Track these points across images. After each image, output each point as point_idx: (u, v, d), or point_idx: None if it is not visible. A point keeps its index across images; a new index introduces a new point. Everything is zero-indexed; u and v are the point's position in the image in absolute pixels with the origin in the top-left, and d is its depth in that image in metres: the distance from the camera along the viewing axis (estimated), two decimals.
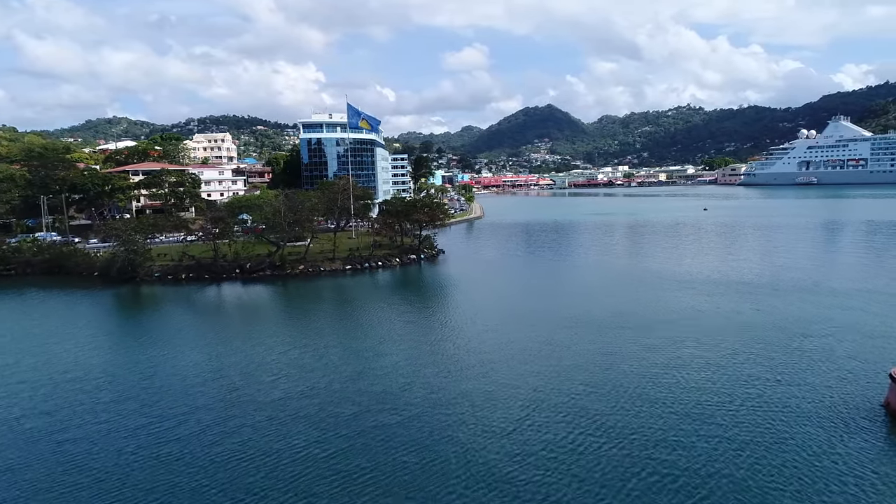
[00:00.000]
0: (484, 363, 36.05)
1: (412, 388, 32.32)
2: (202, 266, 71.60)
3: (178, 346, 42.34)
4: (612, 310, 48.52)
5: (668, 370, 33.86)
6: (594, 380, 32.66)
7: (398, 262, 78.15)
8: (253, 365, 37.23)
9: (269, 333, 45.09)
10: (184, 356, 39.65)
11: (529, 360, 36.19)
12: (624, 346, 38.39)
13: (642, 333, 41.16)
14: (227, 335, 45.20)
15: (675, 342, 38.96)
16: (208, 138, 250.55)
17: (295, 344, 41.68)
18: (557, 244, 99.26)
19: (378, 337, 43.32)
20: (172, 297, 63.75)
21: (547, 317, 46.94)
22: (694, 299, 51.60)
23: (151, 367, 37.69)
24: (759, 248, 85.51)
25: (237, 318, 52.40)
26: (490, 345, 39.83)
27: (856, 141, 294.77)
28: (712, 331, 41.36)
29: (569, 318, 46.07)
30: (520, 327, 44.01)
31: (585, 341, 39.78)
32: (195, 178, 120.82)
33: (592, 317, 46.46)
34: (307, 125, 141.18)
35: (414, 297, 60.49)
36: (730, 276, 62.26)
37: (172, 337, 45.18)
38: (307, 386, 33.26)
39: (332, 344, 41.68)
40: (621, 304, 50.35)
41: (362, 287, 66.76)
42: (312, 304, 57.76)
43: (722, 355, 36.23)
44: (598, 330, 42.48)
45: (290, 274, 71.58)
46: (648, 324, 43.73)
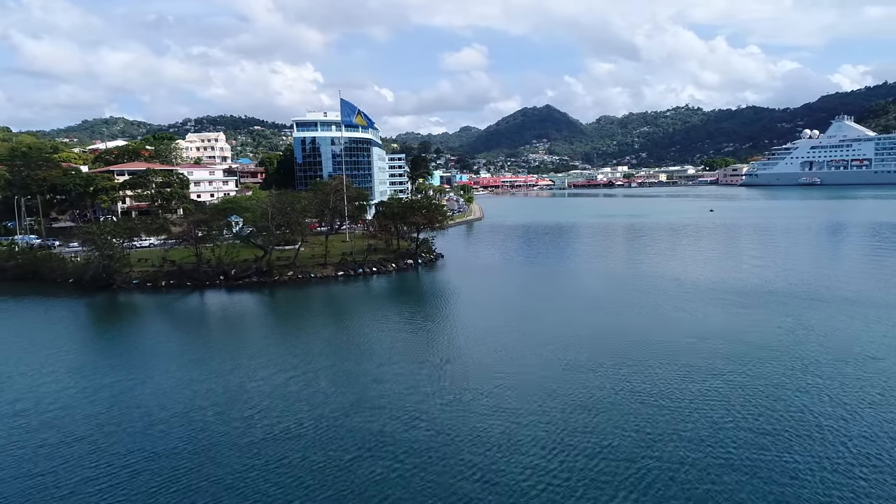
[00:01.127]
0: (497, 394, 31.15)
1: (415, 427, 27.36)
2: (184, 272, 66.48)
3: (147, 369, 37.29)
4: (634, 326, 43.69)
5: (707, 403, 29.01)
6: (628, 419, 27.79)
7: (394, 268, 73.16)
8: (230, 394, 32.24)
9: (252, 353, 40.05)
10: (152, 382, 34.64)
11: (550, 391, 31.30)
12: (655, 372, 33.52)
13: (673, 355, 36.31)
14: (203, 355, 40.17)
15: (710, 367, 34.11)
16: (201, 138, 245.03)
17: (280, 366, 36.68)
18: (563, 249, 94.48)
19: (374, 357, 38.35)
20: (149, 307, 58.69)
21: (562, 334, 42.07)
22: (724, 312, 46.77)
23: (113, 396, 32.67)
24: (780, 251, 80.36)
25: (217, 333, 47.34)
26: (502, 369, 34.93)
27: (860, 141, 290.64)
28: (754, 352, 36.51)
29: (588, 337, 41.20)
30: (532, 346, 39.14)
31: (609, 366, 34.87)
32: (183, 178, 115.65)
33: (613, 335, 41.61)
34: (301, 124, 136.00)
35: (413, 308, 55.54)
36: (757, 284, 57.31)
37: (143, 357, 40.12)
38: (292, 423, 28.30)
39: (321, 366, 36.71)
40: (644, 319, 45.50)
41: (356, 296, 61.80)
42: (301, 317, 52.71)
43: (771, 384, 31.41)
44: (622, 351, 37.61)
45: (279, 281, 66.54)
46: (677, 343, 38.90)
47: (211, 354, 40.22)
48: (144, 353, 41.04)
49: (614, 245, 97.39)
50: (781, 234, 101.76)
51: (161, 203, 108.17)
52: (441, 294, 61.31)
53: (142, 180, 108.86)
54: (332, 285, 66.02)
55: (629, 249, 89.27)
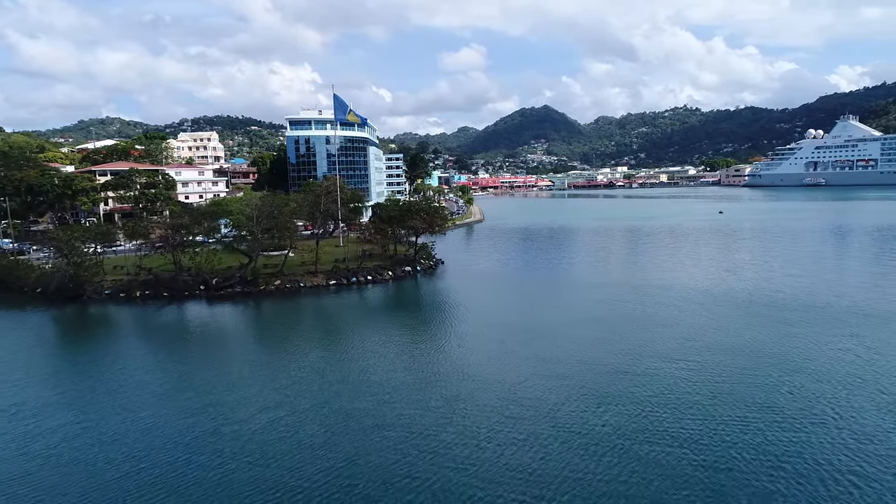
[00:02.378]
0: (513, 441, 25.68)
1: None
2: (160, 281, 60.86)
3: (106, 404, 31.74)
4: (666, 347, 38.22)
5: (758, 458, 23.59)
6: (657, 470, 22.35)
7: (391, 276, 67.56)
8: (200, 441, 26.69)
9: (230, 383, 34.37)
10: (109, 422, 29.14)
11: (572, 430, 25.87)
12: (697, 410, 28.12)
13: (722, 389, 30.89)
14: (173, 385, 34.51)
15: (769, 403, 28.71)
16: (193, 137, 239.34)
17: (260, 404, 30.88)
18: (573, 255, 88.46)
19: (370, 388, 32.78)
20: (120, 321, 53.10)
21: (577, 353, 36.63)
22: (772, 331, 40.97)
23: (62, 441, 27.12)
24: (813, 257, 74.45)
25: (192, 354, 41.72)
26: (517, 401, 29.45)
27: (865, 141, 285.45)
28: (828, 387, 31.02)
29: (609, 362, 35.72)
30: (545, 368, 33.70)
31: (634, 400, 29.46)
32: (168, 178, 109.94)
33: (636, 355, 36.17)
34: (294, 122, 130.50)
35: (411, 322, 49.95)
36: (798, 295, 51.50)
37: (103, 388, 34.49)
38: (274, 483, 22.78)
39: (311, 403, 31.04)
40: (677, 340, 39.98)
41: (349, 309, 56.20)
42: (288, 334, 47.06)
43: (864, 434, 25.98)
44: (649, 378, 32.19)
45: (264, 291, 60.93)
46: (719, 370, 33.45)
47: (182, 385, 34.59)
48: (106, 384, 35.40)
49: (627, 250, 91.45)
50: (805, 237, 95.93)
51: (145, 205, 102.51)
52: (443, 306, 55.66)
53: (124, 181, 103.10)
54: (322, 296, 60.48)
55: (644, 256, 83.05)
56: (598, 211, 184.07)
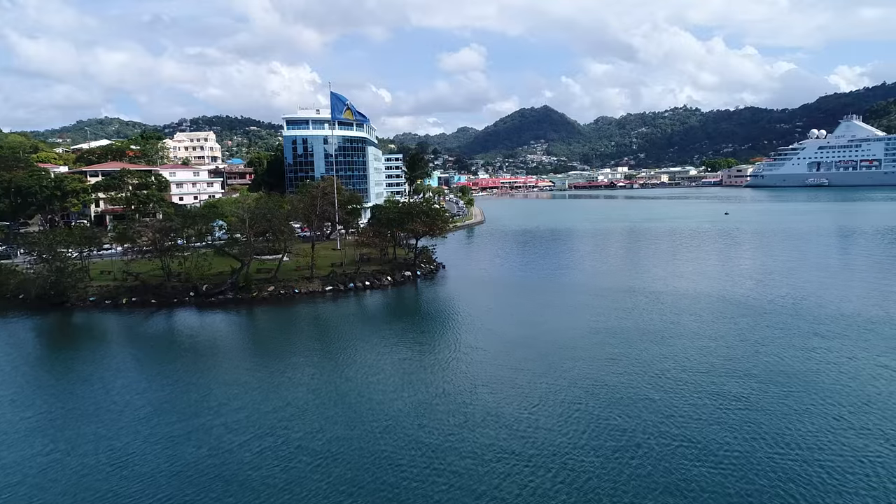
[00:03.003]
0: (527, 485, 22.75)
1: None
2: (148, 288, 57.87)
3: (80, 430, 28.84)
4: (695, 365, 35.33)
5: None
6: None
7: (390, 282, 64.58)
8: (181, 477, 23.73)
9: (217, 405, 31.35)
10: (80, 451, 26.28)
11: (592, 473, 22.96)
12: (728, 447, 25.23)
13: (749, 427, 27.99)
14: (156, 407, 31.44)
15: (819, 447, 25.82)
16: (190, 137, 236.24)
17: (253, 430, 27.82)
18: (578, 258, 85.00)
19: (369, 412, 29.85)
20: (103, 331, 50.08)
21: (592, 372, 33.73)
22: (806, 346, 38.19)
23: (21, 480, 24.14)
24: (836, 262, 71.25)
25: (178, 370, 38.68)
26: (527, 434, 26.55)
27: (869, 141, 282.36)
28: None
29: (629, 386, 32.81)
30: (558, 392, 30.80)
31: (658, 436, 26.57)
32: (161, 179, 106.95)
33: (657, 376, 33.27)
34: (291, 121, 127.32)
35: (412, 334, 46.90)
36: (830, 305, 48.44)
37: (78, 411, 31.52)
38: None
39: (305, 430, 28.09)
40: (698, 357, 37.09)
41: (346, 317, 53.16)
42: (281, 347, 44.03)
43: None
44: (675, 410, 29.30)
45: (257, 298, 57.95)
46: (752, 399, 30.59)
47: (164, 407, 31.61)
48: (77, 404, 32.44)
49: (637, 254, 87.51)
50: (822, 240, 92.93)
51: (137, 206, 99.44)
52: (445, 316, 52.58)
53: (115, 182, 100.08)
54: (318, 302, 57.49)
55: (655, 260, 79.49)
56: (601, 212, 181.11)
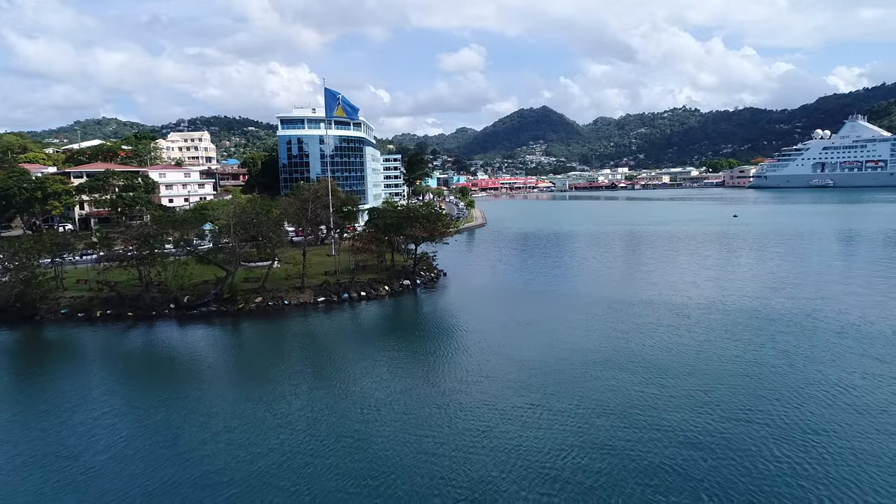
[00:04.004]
0: None
1: None
2: (124, 299, 53.33)
3: (32, 473, 24.45)
4: (736, 405, 30.98)
5: None
6: None
7: (387, 291, 60.04)
8: None
9: (197, 442, 27.02)
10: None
11: None
12: None
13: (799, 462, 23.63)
14: (126, 445, 27.04)
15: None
16: (184, 137, 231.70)
17: (233, 485, 23.60)
18: (588, 265, 79.14)
19: (366, 445, 25.44)
20: (74, 348, 45.67)
21: (622, 418, 29.41)
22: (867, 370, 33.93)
23: None
24: (863, 271, 66.53)
25: (155, 392, 34.19)
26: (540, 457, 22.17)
27: (874, 141, 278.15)
28: None
29: (663, 444, 28.47)
30: (581, 441, 26.44)
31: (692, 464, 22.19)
32: (148, 180, 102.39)
33: (691, 417, 28.94)
34: (286, 121, 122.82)
35: (412, 352, 42.44)
36: (873, 321, 44.14)
37: (34, 448, 27.07)
38: None
39: (294, 481, 23.75)
40: (746, 394, 32.75)
41: (339, 331, 48.67)
42: (268, 366, 39.55)
43: None
44: (707, 436, 24.94)
45: (243, 310, 53.43)
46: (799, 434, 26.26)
47: (135, 442, 27.18)
48: (33, 438, 27.96)
49: (651, 261, 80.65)
50: (844, 245, 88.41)
51: (122, 209, 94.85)
52: (447, 331, 47.98)
53: (100, 184, 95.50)
54: (310, 315, 53.03)
55: (671, 267, 73.65)
56: (604, 215, 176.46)
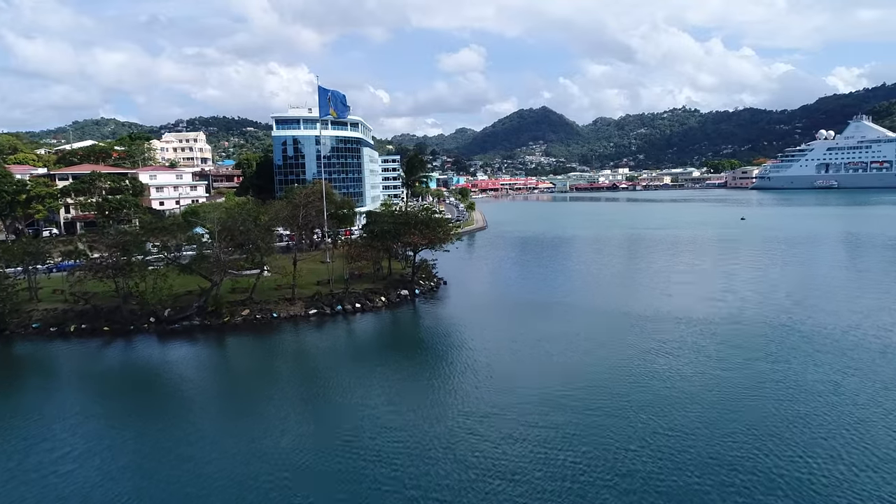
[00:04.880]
0: None
1: None
2: (100, 312, 49.49)
3: None
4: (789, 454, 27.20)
5: None
6: None
7: (384, 302, 56.12)
8: None
9: (168, 481, 23.26)
10: None
11: None
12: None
13: None
14: (90, 483, 23.29)
15: None
16: (179, 138, 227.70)
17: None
18: (598, 273, 74.38)
19: (359, 482, 21.69)
20: (43, 366, 41.98)
21: (645, 443, 25.64)
22: None
23: None
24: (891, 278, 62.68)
25: (130, 417, 30.37)
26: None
27: (880, 142, 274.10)
28: None
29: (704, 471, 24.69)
30: (598, 466, 22.68)
31: None
32: (137, 183, 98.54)
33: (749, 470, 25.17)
34: (281, 121, 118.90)
35: (409, 372, 38.64)
36: None
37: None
38: None
39: None
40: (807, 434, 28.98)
41: (331, 347, 44.89)
42: (253, 388, 35.78)
43: None
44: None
45: (229, 324, 49.63)
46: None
47: (104, 479, 23.35)
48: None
49: (665, 269, 73.80)
50: (866, 251, 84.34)
51: (109, 212, 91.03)
52: (448, 348, 44.16)
53: (85, 186, 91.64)
54: (300, 329, 49.27)
55: (689, 276, 67.41)
56: (608, 217, 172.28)
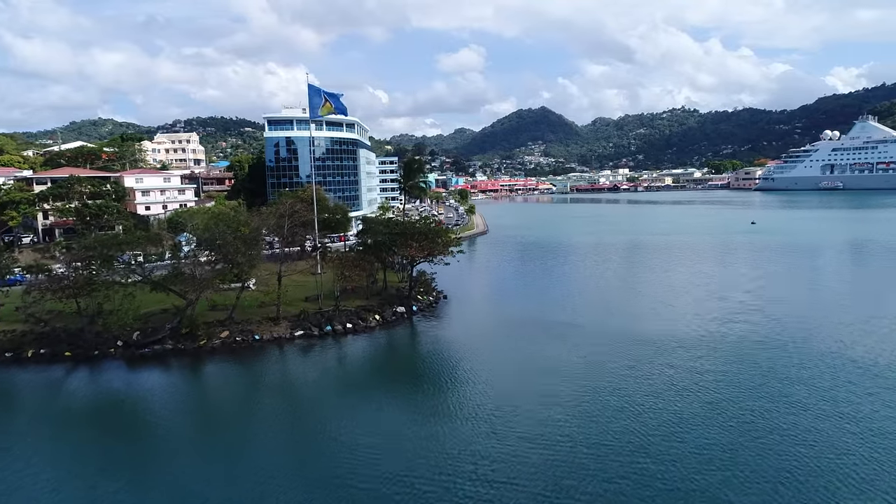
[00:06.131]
0: None
1: None
2: (60, 335, 44.42)
3: None
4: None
5: None
6: None
7: (378, 321, 50.96)
8: None
9: None
10: None
11: None
12: None
13: None
14: None
15: None
16: (171, 139, 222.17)
17: None
18: (608, 286, 69.19)
19: None
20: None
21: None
22: None
23: None
24: None
25: (81, 461, 25.38)
26: None
27: (886, 142, 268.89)
28: None
29: None
30: None
31: None
32: (119, 187, 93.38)
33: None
34: (274, 121, 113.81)
35: (408, 408, 33.59)
36: None
37: None
38: None
39: None
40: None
41: (319, 376, 39.82)
42: (228, 428, 30.79)
43: None
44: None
45: (205, 348, 44.59)
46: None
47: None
48: None
49: (683, 282, 68.18)
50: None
51: (89, 219, 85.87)
52: (450, 376, 39.16)
53: (63, 191, 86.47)
54: (285, 353, 44.34)
55: (711, 294, 60.88)
56: (613, 221, 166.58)
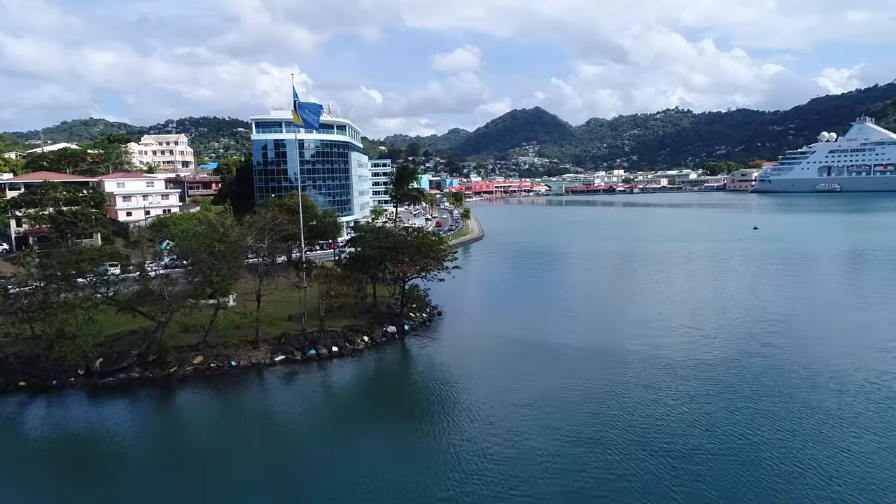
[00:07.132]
0: None
1: None
2: (13, 363, 40.14)
3: None
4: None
5: None
6: None
7: (367, 343, 46.91)
8: None
9: None
10: None
11: None
12: None
13: None
14: None
15: None
16: (159, 140, 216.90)
17: None
18: (614, 301, 65.75)
19: None
20: None
21: None
22: None
23: None
24: None
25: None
26: None
27: (883, 144, 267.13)
28: None
29: None
30: None
31: None
32: (96, 192, 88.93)
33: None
34: (261, 124, 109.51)
35: (398, 446, 29.64)
36: None
37: None
38: None
39: None
40: None
41: (303, 407, 35.76)
42: (205, 468, 26.71)
43: None
44: None
45: (177, 375, 40.46)
46: None
47: None
48: None
49: (693, 297, 63.74)
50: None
51: (63, 226, 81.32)
52: (445, 405, 35.18)
53: (36, 197, 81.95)
54: (265, 380, 40.36)
55: (725, 311, 55.86)
56: (611, 226, 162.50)
